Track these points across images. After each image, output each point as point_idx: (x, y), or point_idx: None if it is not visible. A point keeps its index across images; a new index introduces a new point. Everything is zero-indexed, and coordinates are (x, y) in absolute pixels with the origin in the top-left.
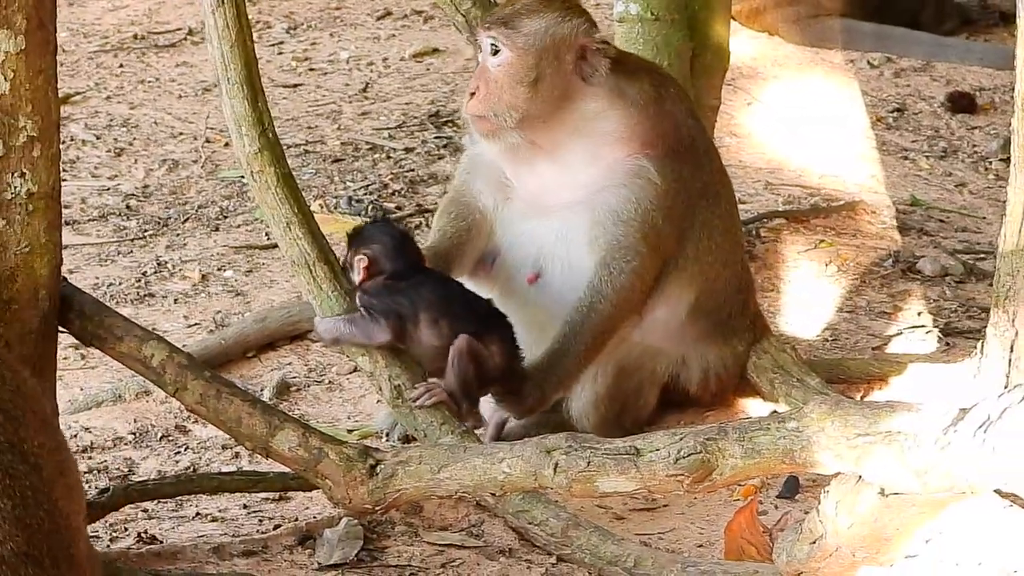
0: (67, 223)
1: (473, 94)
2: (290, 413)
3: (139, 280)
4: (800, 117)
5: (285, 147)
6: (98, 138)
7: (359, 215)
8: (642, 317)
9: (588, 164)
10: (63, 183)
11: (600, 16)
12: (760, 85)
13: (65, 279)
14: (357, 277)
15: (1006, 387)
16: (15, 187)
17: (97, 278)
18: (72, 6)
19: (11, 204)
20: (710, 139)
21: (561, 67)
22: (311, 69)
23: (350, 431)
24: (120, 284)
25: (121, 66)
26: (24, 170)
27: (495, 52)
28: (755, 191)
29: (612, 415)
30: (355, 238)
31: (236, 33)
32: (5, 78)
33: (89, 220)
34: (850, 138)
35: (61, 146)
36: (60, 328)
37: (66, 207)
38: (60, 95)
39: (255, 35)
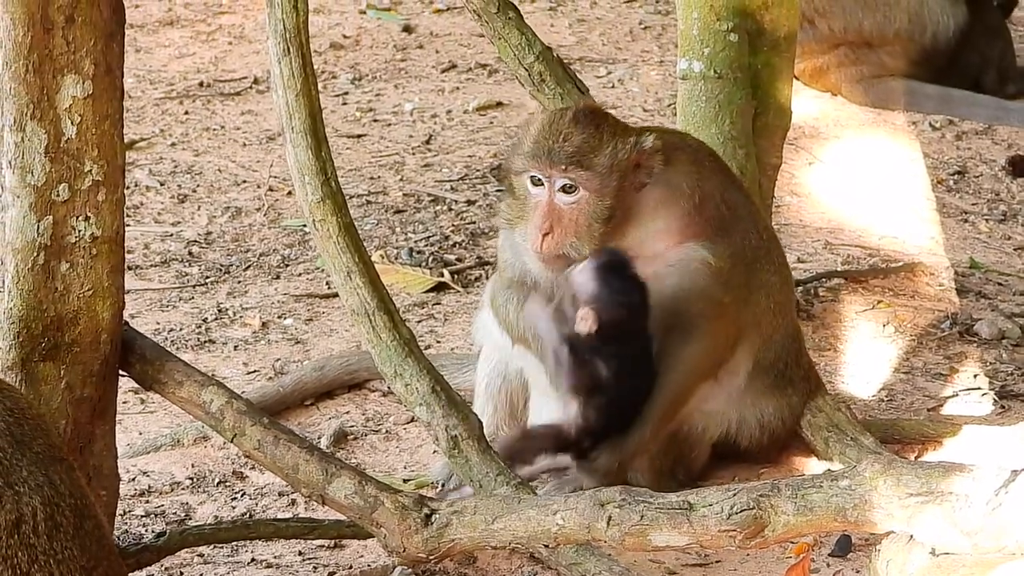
0: (129, 268)
1: (546, 234)
2: (347, 462)
3: (199, 326)
4: (861, 178)
5: (348, 197)
6: (162, 184)
7: (419, 266)
8: (718, 380)
9: (639, 256)
10: (127, 228)
11: (664, 73)
12: (822, 145)
13: (127, 323)
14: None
15: None
16: (79, 231)
17: (158, 323)
18: (139, 52)
19: (75, 247)
20: (750, 199)
21: (628, 190)
22: (375, 120)
23: (406, 480)
24: (181, 330)
25: (186, 113)
26: (88, 214)
27: (570, 190)
28: (814, 251)
29: (666, 468)
30: (587, 276)
31: (301, 83)
32: (72, 122)
33: (151, 266)
34: (910, 200)
35: (125, 191)
36: (121, 372)
37: (129, 252)
38: (125, 141)
39: (320, 85)
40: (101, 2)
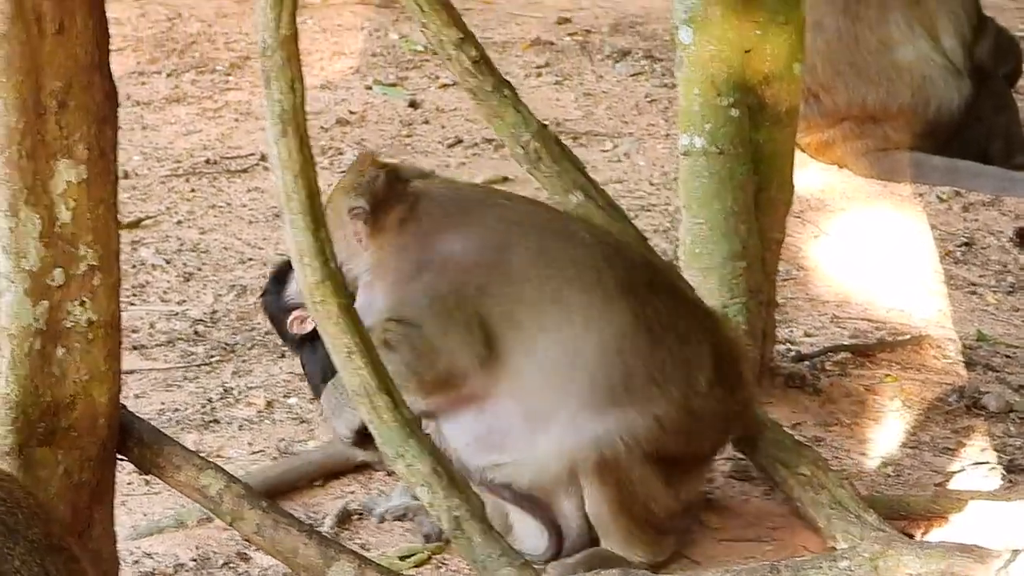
0: (135, 348)
1: None
2: (351, 542)
3: (204, 406)
4: (868, 250)
5: None
6: (168, 263)
7: None
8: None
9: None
10: (132, 308)
11: (671, 146)
12: (828, 217)
13: (124, 407)
14: None
15: None
16: (75, 315)
17: (163, 403)
18: (145, 130)
19: (71, 332)
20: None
21: (344, 235)
22: None
23: (403, 558)
24: (186, 410)
25: (193, 190)
26: (84, 299)
27: None
28: (821, 324)
29: (635, 518)
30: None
31: (300, 164)
32: (67, 207)
33: (157, 345)
34: (917, 272)
35: (131, 270)
36: (119, 456)
37: (134, 332)
38: (132, 219)
39: (327, 161)
40: (94, 87)
